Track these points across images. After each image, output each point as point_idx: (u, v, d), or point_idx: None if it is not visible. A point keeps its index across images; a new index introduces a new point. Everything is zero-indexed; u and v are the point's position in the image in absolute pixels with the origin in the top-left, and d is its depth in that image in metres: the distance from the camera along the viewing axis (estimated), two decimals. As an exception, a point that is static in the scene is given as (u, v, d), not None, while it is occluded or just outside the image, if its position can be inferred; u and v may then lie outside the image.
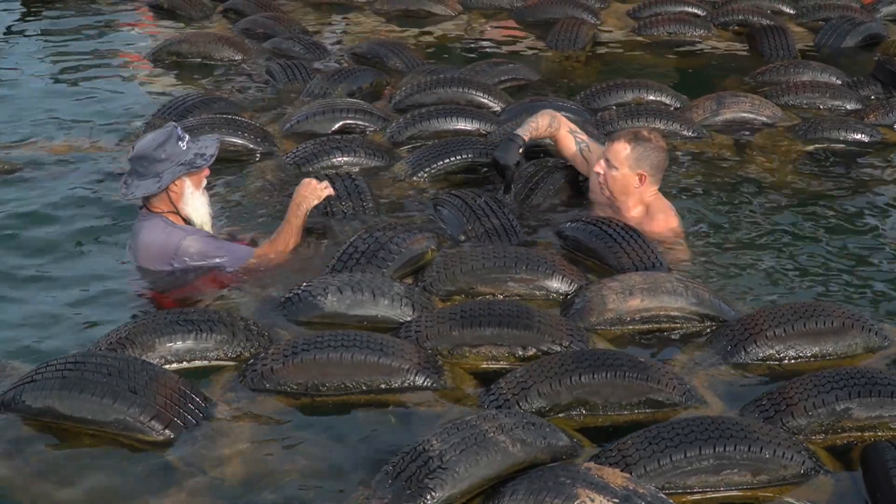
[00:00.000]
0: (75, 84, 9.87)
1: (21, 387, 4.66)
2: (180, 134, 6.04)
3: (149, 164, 5.99)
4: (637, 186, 6.53)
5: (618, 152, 6.50)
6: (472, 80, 9.07)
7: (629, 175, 6.50)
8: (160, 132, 6.08)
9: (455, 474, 4.04)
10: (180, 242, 6.00)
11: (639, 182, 6.52)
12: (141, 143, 6.11)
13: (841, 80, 9.68)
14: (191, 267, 6.03)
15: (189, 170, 6.02)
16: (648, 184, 6.56)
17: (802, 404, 4.68)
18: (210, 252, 6.04)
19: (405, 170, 7.46)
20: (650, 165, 6.51)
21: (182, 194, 6.07)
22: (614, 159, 6.51)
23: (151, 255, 6.07)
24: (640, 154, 6.48)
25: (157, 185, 5.99)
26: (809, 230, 6.97)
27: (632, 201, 6.61)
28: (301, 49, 10.51)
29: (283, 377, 4.92)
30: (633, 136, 6.54)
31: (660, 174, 6.63)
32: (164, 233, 6.05)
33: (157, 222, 6.09)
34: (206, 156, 6.08)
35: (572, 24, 11.41)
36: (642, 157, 6.49)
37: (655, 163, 6.53)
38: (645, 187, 6.56)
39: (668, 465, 4.25)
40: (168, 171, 5.98)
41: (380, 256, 5.93)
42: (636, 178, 6.50)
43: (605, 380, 4.78)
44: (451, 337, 5.26)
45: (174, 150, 5.99)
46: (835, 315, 5.35)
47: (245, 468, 4.46)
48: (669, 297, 5.60)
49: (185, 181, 6.05)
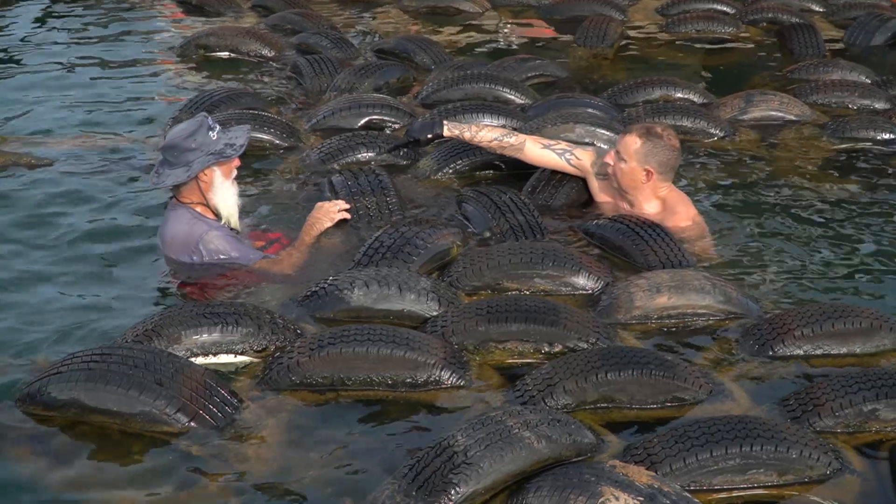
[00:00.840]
0: (102, 78, 9.89)
1: (46, 379, 4.67)
2: (211, 124, 6.04)
3: (179, 154, 5.99)
4: (644, 182, 6.50)
5: (628, 145, 6.47)
6: (499, 77, 9.06)
7: (637, 169, 6.46)
8: (191, 122, 6.09)
9: (479, 470, 4.03)
10: (202, 236, 6.01)
11: (646, 178, 6.48)
12: (172, 133, 6.12)
13: (870, 78, 9.63)
14: (210, 261, 6.04)
15: (219, 159, 6.02)
16: (656, 180, 6.52)
17: (829, 404, 4.66)
18: (225, 250, 6.04)
19: (430, 166, 7.46)
20: (658, 162, 6.46)
21: (212, 184, 6.07)
22: (624, 151, 6.47)
23: (176, 245, 6.08)
24: (650, 150, 6.44)
25: (187, 173, 5.99)
26: (837, 229, 6.93)
27: (642, 196, 6.57)
28: (328, 44, 10.51)
29: (309, 371, 4.91)
30: (645, 131, 6.49)
31: (669, 172, 6.56)
32: (188, 224, 6.06)
33: (183, 213, 6.10)
34: (236, 146, 6.08)
35: (600, 20, 11.38)
36: (651, 154, 6.44)
37: (664, 160, 6.48)
38: (653, 183, 6.52)
39: (693, 463, 4.24)
40: (198, 161, 5.99)
41: (405, 251, 5.93)
42: (643, 173, 6.46)
43: (631, 377, 4.77)
44: (478, 332, 5.25)
45: (204, 139, 5.99)
46: (863, 315, 5.32)
47: (269, 461, 4.47)
48: (697, 294, 5.58)
49: (215, 171, 6.05)
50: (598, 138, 7.77)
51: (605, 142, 7.73)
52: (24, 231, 6.74)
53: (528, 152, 6.89)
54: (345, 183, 6.78)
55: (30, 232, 6.73)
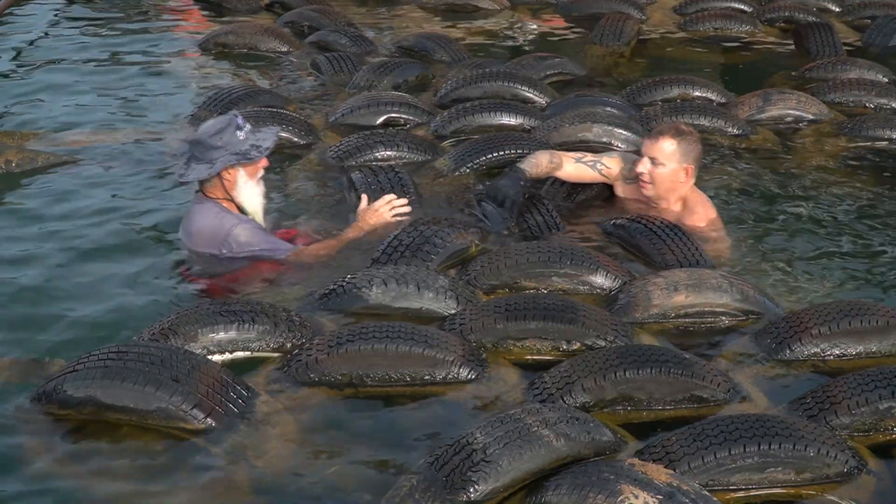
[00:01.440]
0: (120, 76, 9.90)
1: (63, 377, 4.66)
2: (240, 123, 6.06)
3: (204, 150, 6.03)
4: (682, 181, 6.51)
5: (663, 148, 6.47)
6: (518, 75, 9.07)
7: (677, 170, 6.47)
8: (220, 119, 6.15)
9: (498, 467, 4.03)
10: (231, 230, 6.04)
11: (685, 176, 6.49)
12: (201, 129, 6.18)
13: (887, 78, 9.61)
14: (237, 255, 6.06)
15: (242, 160, 6.05)
16: (692, 177, 6.55)
17: (846, 403, 4.64)
18: (256, 243, 6.05)
19: (448, 165, 7.46)
20: (694, 158, 6.50)
21: (235, 183, 6.10)
22: (660, 156, 6.47)
23: (203, 239, 6.10)
24: (686, 148, 6.46)
25: (209, 171, 6.03)
26: (854, 228, 6.93)
27: (674, 197, 6.59)
28: (347, 42, 10.52)
29: (328, 368, 4.92)
30: (676, 131, 6.51)
31: (699, 166, 6.65)
32: (216, 218, 6.09)
33: (210, 207, 6.13)
34: (261, 148, 6.09)
35: (618, 18, 11.37)
36: (688, 150, 6.47)
37: (698, 155, 6.55)
38: (688, 181, 6.54)
39: (712, 462, 4.23)
40: (221, 159, 6.02)
41: (424, 250, 5.94)
42: (683, 171, 6.48)
43: (650, 376, 4.77)
44: (496, 330, 5.25)
45: (231, 138, 6.02)
46: (880, 314, 5.31)
47: (287, 458, 4.47)
48: (714, 293, 5.58)
49: (239, 171, 6.08)
50: (615, 137, 7.79)
51: (623, 141, 7.75)
52: (41, 228, 6.76)
53: (565, 169, 6.84)
54: (364, 180, 6.79)
55: (47, 229, 6.75)
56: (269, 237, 6.15)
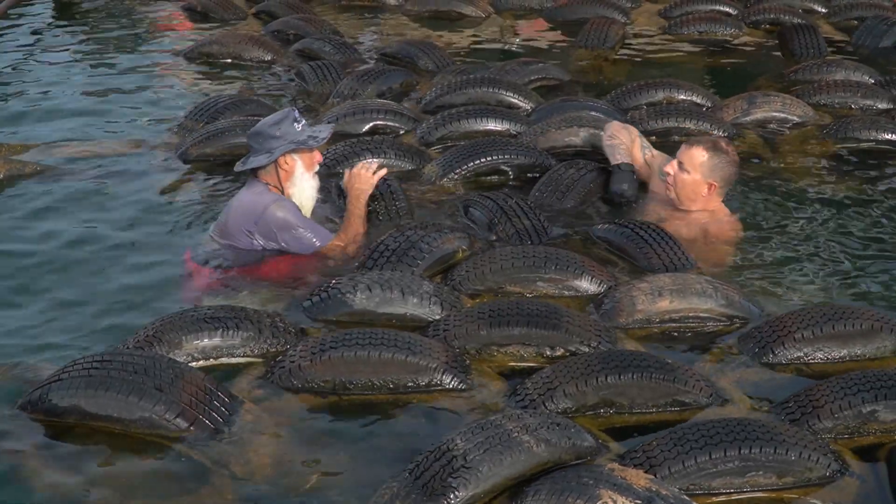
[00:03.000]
0: (107, 86, 9.88)
1: (48, 386, 4.68)
2: (297, 116, 6.30)
3: (263, 141, 6.24)
4: (704, 195, 6.55)
5: (693, 157, 6.52)
6: (503, 80, 9.06)
7: (700, 182, 6.52)
8: (279, 113, 6.42)
9: (478, 474, 4.04)
10: (269, 205, 6.15)
11: (707, 191, 6.53)
12: (260, 122, 6.40)
13: (873, 79, 9.62)
14: (265, 238, 6.16)
15: (299, 147, 6.23)
16: (715, 195, 6.59)
17: (829, 406, 4.65)
18: (293, 223, 6.16)
19: (436, 171, 7.46)
20: (721, 177, 6.55)
21: (292, 173, 6.28)
22: (689, 163, 6.52)
23: (240, 213, 6.23)
24: (716, 164, 6.51)
25: (268, 158, 6.21)
26: (839, 230, 6.93)
27: (695, 206, 6.64)
28: (331, 50, 10.52)
29: (311, 375, 4.93)
30: (712, 146, 6.57)
31: (727, 188, 6.69)
32: (257, 194, 6.24)
33: (257, 185, 6.30)
34: (318, 138, 6.31)
35: (602, 23, 11.38)
36: (716, 168, 6.51)
37: (727, 176, 6.59)
38: (711, 197, 6.57)
39: (692, 466, 4.24)
40: (280, 147, 6.20)
41: (410, 255, 5.95)
42: (706, 186, 6.53)
43: (632, 381, 4.78)
44: (480, 336, 5.26)
45: (289, 129, 6.22)
46: (863, 317, 5.32)
47: (270, 466, 4.47)
48: (699, 298, 5.59)
49: (297, 161, 6.28)
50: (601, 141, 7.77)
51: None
52: (29, 237, 6.76)
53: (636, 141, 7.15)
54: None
55: (35, 238, 6.75)
56: (307, 220, 6.28)
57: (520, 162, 7.44)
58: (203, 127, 8.19)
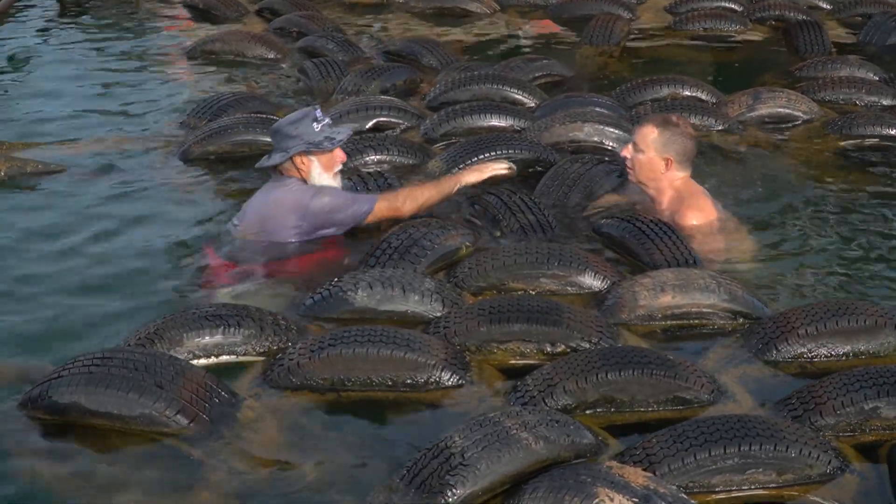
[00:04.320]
0: (110, 84, 9.92)
1: (48, 383, 4.67)
2: (318, 116, 6.32)
3: (281, 139, 6.30)
4: (663, 171, 6.50)
5: (645, 136, 6.49)
6: (507, 77, 9.05)
7: (655, 159, 6.47)
8: (300, 111, 6.45)
9: (476, 471, 4.02)
10: (313, 196, 6.23)
11: (665, 167, 6.48)
12: (280, 120, 6.47)
13: (878, 76, 9.60)
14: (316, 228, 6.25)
15: (313, 148, 6.26)
16: (675, 169, 6.52)
17: (831, 403, 4.63)
18: (339, 204, 6.28)
19: (439, 167, 7.44)
20: (676, 151, 6.48)
21: (309, 173, 6.33)
22: (641, 142, 6.50)
23: (284, 207, 6.26)
24: (668, 139, 6.46)
25: (282, 157, 6.28)
26: (843, 226, 6.91)
27: (662, 186, 6.58)
28: (334, 47, 10.51)
29: (310, 372, 4.91)
30: (661, 121, 6.53)
31: (687, 161, 6.59)
32: (299, 190, 6.28)
33: (289, 181, 6.33)
34: (334, 140, 6.32)
35: (607, 19, 11.38)
36: (669, 142, 6.47)
37: (681, 149, 6.50)
38: (671, 173, 6.52)
39: (692, 463, 4.21)
40: (295, 147, 6.24)
41: (412, 252, 5.94)
42: (662, 162, 6.47)
43: (632, 377, 4.75)
44: (480, 333, 5.24)
45: (306, 129, 6.26)
46: (867, 313, 5.29)
47: (270, 462, 4.48)
48: (701, 293, 5.56)
49: (313, 161, 6.31)
50: (606, 137, 7.77)
51: (614, 140, 7.74)
52: (32, 235, 6.77)
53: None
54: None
55: (37, 236, 6.76)
56: (347, 194, 6.41)
57: (524, 157, 7.41)
58: (206, 124, 8.19)
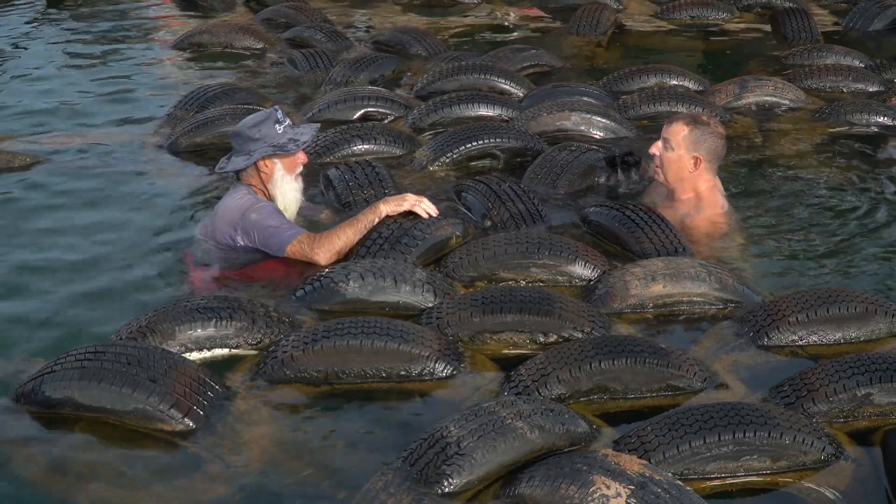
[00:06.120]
0: (97, 76, 9.91)
1: (41, 378, 4.66)
2: (280, 118, 6.19)
3: (243, 142, 6.17)
4: (691, 171, 6.48)
5: (676, 133, 6.46)
6: (495, 67, 9.06)
7: (685, 157, 6.45)
8: (261, 113, 6.29)
9: (472, 460, 4.03)
10: (249, 207, 6.08)
11: (694, 166, 6.47)
12: (241, 122, 6.30)
13: (864, 63, 9.63)
14: (246, 238, 6.05)
15: (278, 152, 6.14)
16: (703, 170, 6.50)
17: (823, 390, 4.64)
18: (264, 225, 6.00)
19: (426, 156, 7.45)
20: (706, 150, 6.45)
21: (271, 176, 6.21)
22: (672, 139, 6.46)
23: (224, 218, 6.16)
24: (698, 137, 6.44)
25: (246, 161, 6.15)
26: (832, 214, 6.93)
27: (685, 186, 6.57)
28: (322, 37, 10.51)
29: (303, 364, 4.91)
30: (692, 119, 6.50)
31: (716, 161, 6.57)
32: (240, 199, 6.15)
33: (240, 189, 6.22)
34: (298, 141, 6.20)
35: (594, 8, 11.40)
36: (699, 141, 6.44)
37: (712, 147, 6.48)
38: (699, 173, 6.50)
39: (687, 451, 4.23)
40: (258, 151, 6.13)
41: (403, 242, 5.92)
42: (692, 161, 6.45)
43: (625, 366, 4.76)
44: (472, 323, 5.24)
45: (269, 131, 6.13)
46: (858, 300, 5.31)
47: (264, 456, 4.46)
48: (692, 282, 5.57)
49: (276, 164, 6.20)
50: (593, 126, 7.79)
51: (601, 129, 7.76)
52: (20, 229, 6.75)
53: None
54: (342, 177, 6.77)
55: (25, 229, 6.75)
56: (283, 219, 6.10)
57: (511, 146, 7.42)
58: (193, 116, 8.18)
